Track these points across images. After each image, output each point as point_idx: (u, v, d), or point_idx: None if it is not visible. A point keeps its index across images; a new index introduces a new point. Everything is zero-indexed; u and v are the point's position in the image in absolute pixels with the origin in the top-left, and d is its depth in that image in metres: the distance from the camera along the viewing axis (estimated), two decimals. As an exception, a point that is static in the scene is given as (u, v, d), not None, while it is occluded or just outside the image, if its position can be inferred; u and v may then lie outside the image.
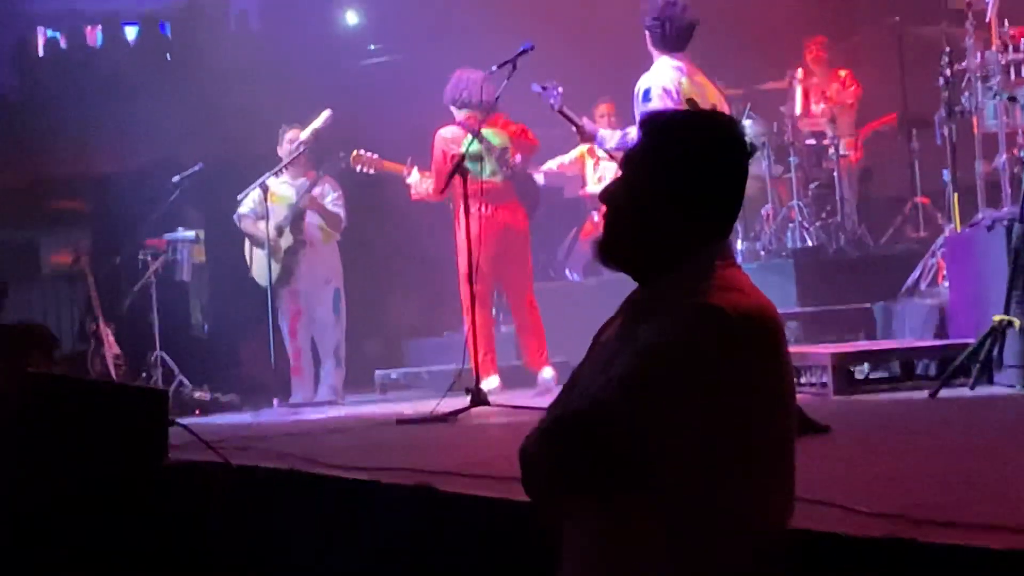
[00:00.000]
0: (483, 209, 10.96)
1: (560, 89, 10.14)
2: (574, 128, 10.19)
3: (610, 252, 3.46)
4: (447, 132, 11.30)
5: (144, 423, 6.80)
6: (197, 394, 12.73)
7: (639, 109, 9.37)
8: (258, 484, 6.62)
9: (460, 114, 11.23)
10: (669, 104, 9.35)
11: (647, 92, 9.50)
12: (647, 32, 9.74)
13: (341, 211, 12.61)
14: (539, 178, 12.44)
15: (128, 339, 13.12)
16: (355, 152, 11.68)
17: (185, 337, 14.50)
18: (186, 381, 12.82)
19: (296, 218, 12.44)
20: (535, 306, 11.50)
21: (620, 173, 3.52)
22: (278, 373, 12.55)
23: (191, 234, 13.99)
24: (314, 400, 12.52)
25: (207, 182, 13.29)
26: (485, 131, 11.14)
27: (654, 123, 3.54)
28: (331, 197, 12.54)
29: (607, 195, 3.46)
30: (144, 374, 12.77)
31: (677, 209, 3.36)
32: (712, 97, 9.88)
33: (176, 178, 13.15)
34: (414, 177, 11.16)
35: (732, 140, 3.47)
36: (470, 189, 10.32)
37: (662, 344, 3.22)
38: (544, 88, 10.24)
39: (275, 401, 12.14)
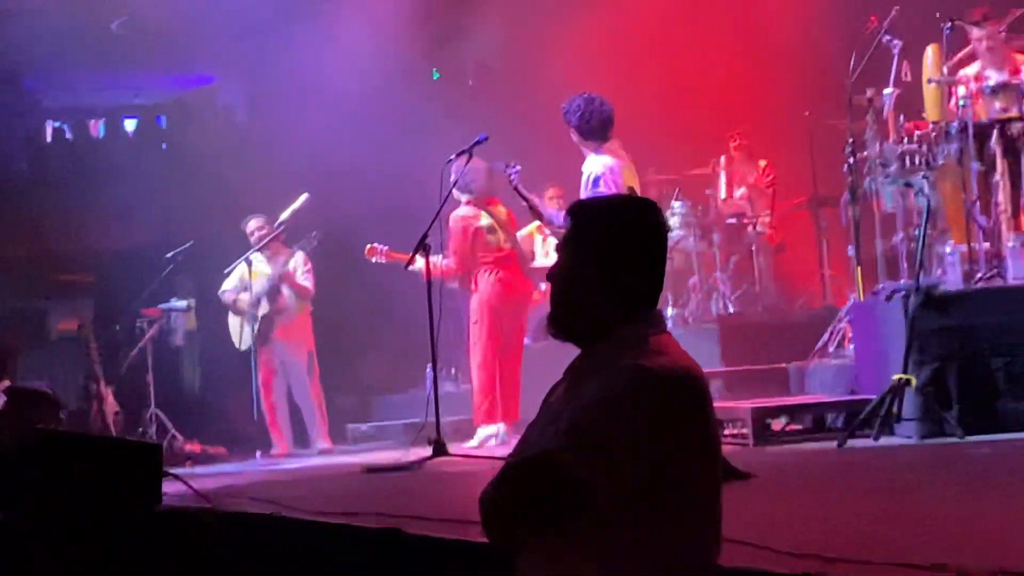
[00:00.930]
0: (499, 274, 11.11)
1: (518, 168, 10.21)
2: (527, 205, 10.25)
3: (555, 325, 3.49)
4: (462, 211, 11.41)
5: (140, 473, 6.79)
6: (188, 447, 12.75)
7: (586, 193, 9.43)
8: (243, 528, 6.58)
9: (465, 197, 11.27)
10: (613, 188, 9.43)
11: (596, 179, 9.58)
12: (575, 131, 9.80)
13: (309, 283, 12.71)
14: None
15: (126, 398, 13.09)
16: (369, 246, 11.71)
17: (178, 396, 14.47)
18: (178, 435, 12.84)
19: (272, 291, 12.56)
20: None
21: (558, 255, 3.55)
22: (260, 427, 12.58)
23: (183, 303, 14.02)
24: (304, 452, 12.57)
25: (198, 257, 13.34)
26: (491, 209, 11.29)
27: (580, 210, 3.58)
28: (301, 271, 12.67)
29: (550, 275, 3.50)
30: (140, 429, 12.74)
31: (606, 285, 3.40)
32: (634, 179, 10.00)
33: (170, 254, 13.27)
34: (418, 264, 11.14)
35: (650, 221, 3.50)
36: (492, 257, 10.80)
37: (602, 402, 3.23)
38: (505, 166, 10.32)
39: (258, 453, 12.15)
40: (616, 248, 3.42)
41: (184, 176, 15.11)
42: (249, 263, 12.47)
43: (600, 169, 9.63)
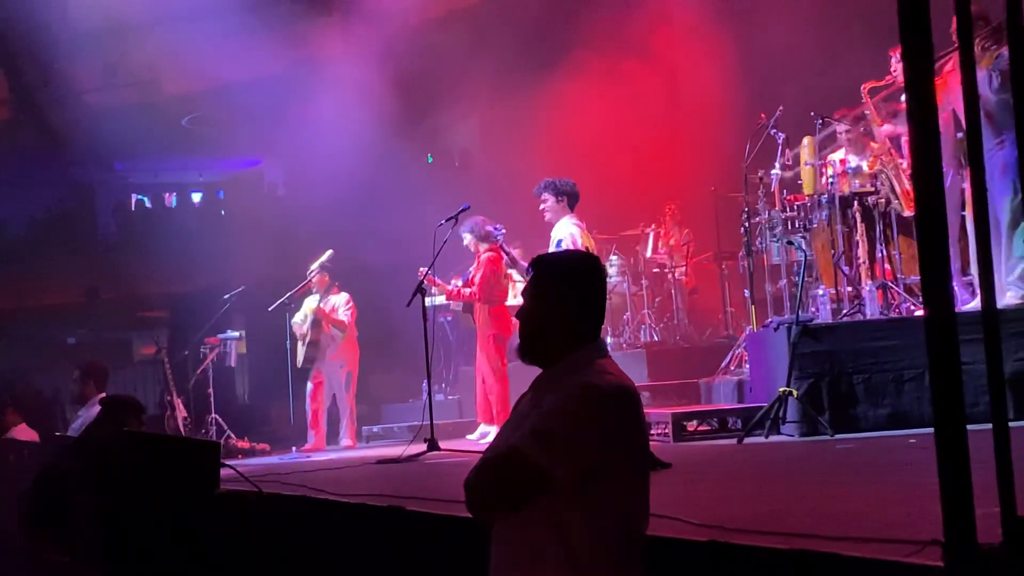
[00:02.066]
0: (508, 308, 11.19)
1: (504, 230, 10.34)
2: (508, 258, 10.39)
3: (523, 353, 3.52)
4: (491, 255, 11.27)
5: (202, 465, 6.76)
6: (239, 444, 12.69)
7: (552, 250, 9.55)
8: (280, 506, 6.56)
9: (485, 245, 11.22)
10: (583, 245, 9.60)
11: (560, 242, 9.71)
12: (561, 198, 9.94)
13: (347, 319, 12.69)
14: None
15: (193, 407, 13.09)
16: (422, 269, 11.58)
17: (231, 405, 14.44)
18: (232, 435, 12.78)
19: (314, 323, 12.57)
20: None
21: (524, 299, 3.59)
22: (296, 427, 12.57)
23: (237, 334, 14.05)
24: (331, 448, 12.54)
25: (248, 298, 13.37)
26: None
27: (541, 262, 3.60)
28: (342, 309, 12.69)
29: (519, 314, 3.53)
30: (203, 430, 12.71)
31: (561, 321, 3.43)
32: (589, 241, 10.07)
33: (226, 296, 13.30)
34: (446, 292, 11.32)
35: (595, 271, 3.54)
36: (506, 295, 11.18)
37: (560, 410, 3.25)
38: (495, 227, 10.44)
39: (293, 448, 12.12)
40: (568, 293, 3.45)
41: (237, 236, 15.16)
42: (289, 303, 12.64)
43: (567, 235, 9.82)
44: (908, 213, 9.58)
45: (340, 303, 12.70)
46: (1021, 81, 2.79)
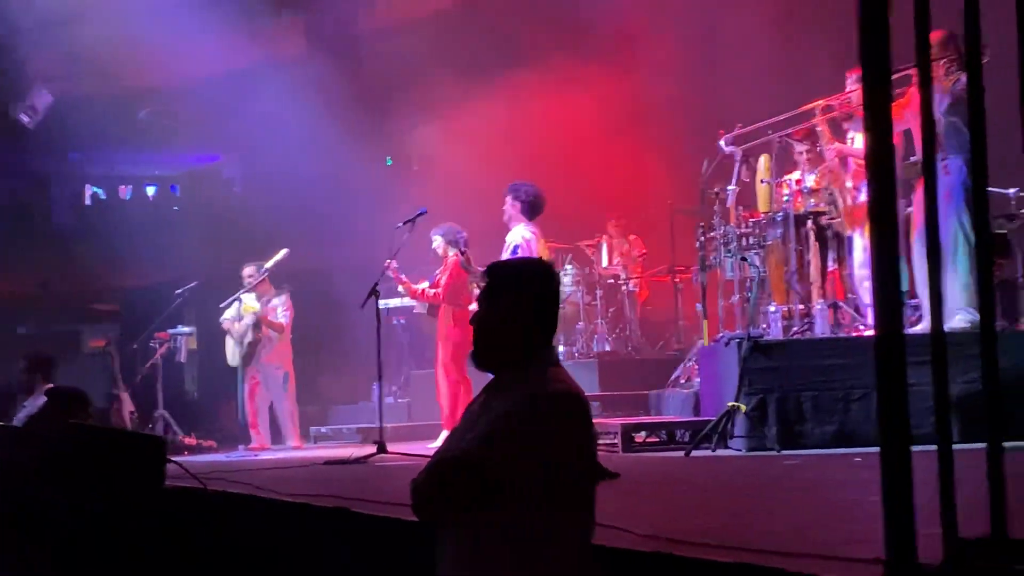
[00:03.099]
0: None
1: (464, 235, 10.48)
2: (462, 264, 10.47)
3: (476, 359, 3.51)
4: (458, 260, 11.24)
5: (148, 460, 6.71)
6: (186, 440, 12.61)
7: (506, 256, 9.61)
8: (226, 504, 6.53)
9: (453, 250, 11.22)
10: (536, 253, 9.62)
11: (516, 248, 9.75)
12: (520, 204, 9.98)
13: (285, 320, 12.62)
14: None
15: (140, 401, 13.00)
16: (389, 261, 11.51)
17: (180, 401, 14.34)
18: (179, 431, 12.70)
19: (256, 324, 12.48)
20: None
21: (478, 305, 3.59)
22: (244, 426, 12.52)
23: (188, 329, 13.94)
24: (278, 447, 12.48)
25: (200, 294, 13.30)
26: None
27: (495, 270, 3.59)
28: (280, 310, 12.61)
29: (472, 320, 3.52)
30: (150, 425, 12.61)
31: (514, 328, 3.42)
32: (543, 250, 10.12)
33: (178, 291, 13.21)
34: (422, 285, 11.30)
35: (549, 279, 3.54)
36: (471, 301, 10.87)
37: (509, 416, 3.25)
38: (459, 232, 10.57)
39: (240, 446, 12.07)
40: (521, 301, 3.45)
41: (191, 231, 15.08)
42: (240, 300, 12.50)
43: (521, 241, 9.83)
44: (849, 232, 9.68)
45: (279, 304, 12.65)
46: (976, 107, 2.83)
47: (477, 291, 11.06)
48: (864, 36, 2.69)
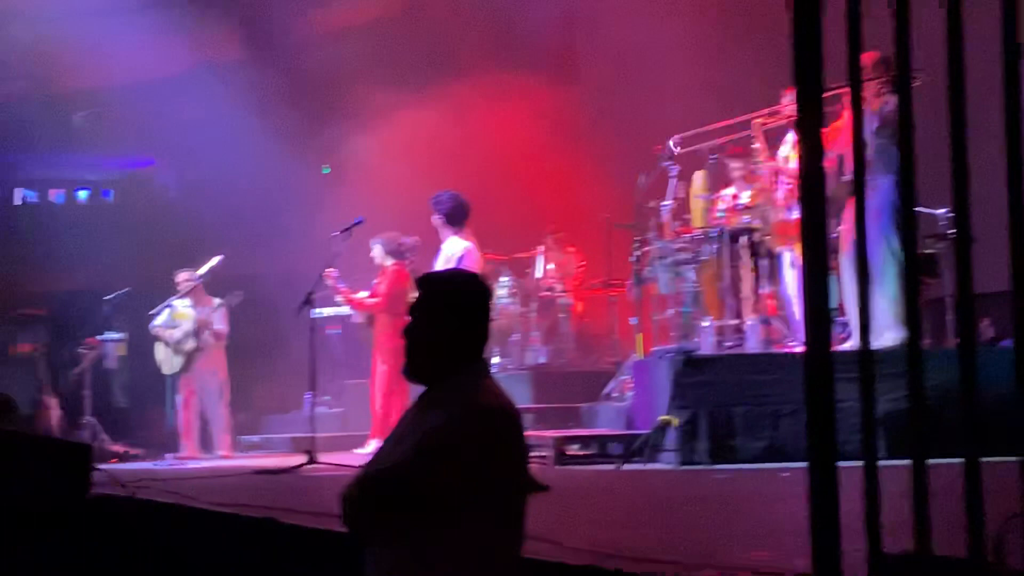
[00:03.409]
0: None
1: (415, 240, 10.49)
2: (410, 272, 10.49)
3: (408, 371, 3.49)
4: (400, 269, 11.32)
5: (75, 467, 6.64)
6: (114, 448, 12.48)
7: (446, 267, 9.65)
8: (152, 513, 6.47)
9: (391, 260, 11.19)
10: (472, 266, 9.61)
11: (460, 258, 9.76)
12: (442, 216, 9.95)
13: (224, 328, 12.53)
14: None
15: (68, 407, 12.83)
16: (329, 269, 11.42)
17: (108, 408, 14.15)
18: (107, 438, 12.56)
19: (195, 332, 12.39)
20: None
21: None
22: (172, 434, 12.42)
23: (117, 336, 13.79)
24: (207, 456, 12.34)
25: (131, 301, 13.17)
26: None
27: (427, 281, 3.57)
28: (218, 317, 12.54)
29: (405, 332, 3.50)
30: (78, 432, 12.44)
31: (446, 340, 3.41)
32: (479, 258, 10.16)
33: (109, 296, 13.07)
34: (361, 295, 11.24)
35: (480, 291, 3.53)
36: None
37: (442, 430, 3.24)
38: (406, 240, 10.56)
39: (168, 455, 11.97)
40: (453, 313, 3.44)
41: (124, 237, 14.91)
42: (172, 307, 12.43)
43: (461, 251, 9.82)
44: (780, 249, 9.77)
45: (216, 312, 12.58)
46: (906, 128, 2.87)
47: None
48: (798, 58, 2.73)
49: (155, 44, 13.74)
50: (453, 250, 9.98)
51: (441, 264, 9.96)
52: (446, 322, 3.43)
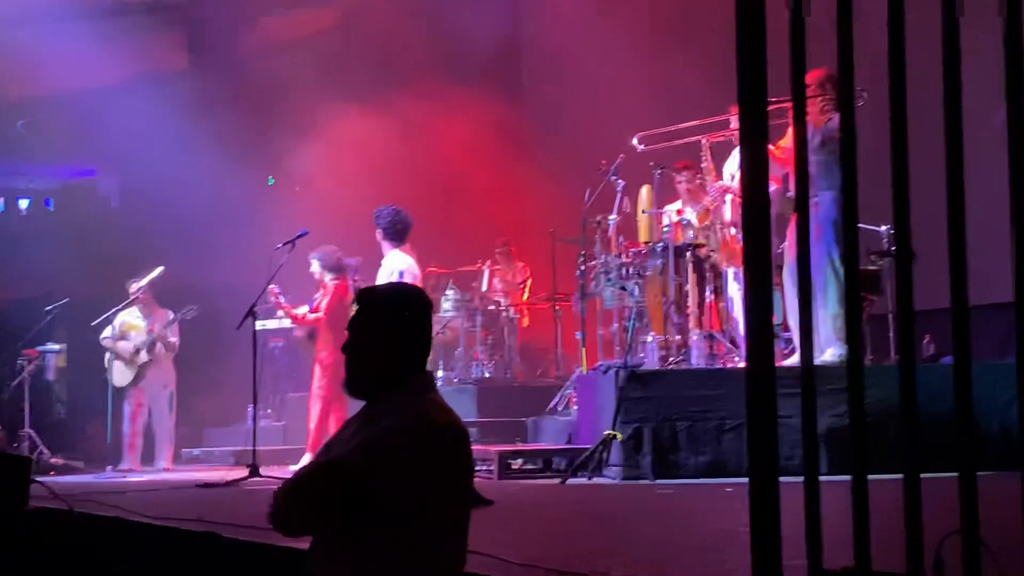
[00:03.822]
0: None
1: (358, 259, 10.40)
2: (354, 288, 10.36)
3: (349, 387, 3.47)
4: (340, 283, 11.24)
5: (12, 480, 6.56)
6: (53, 460, 12.31)
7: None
8: (92, 526, 6.39)
9: (331, 275, 11.16)
10: (413, 280, 9.58)
11: (401, 273, 9.72)
12: (381, 231, 9.92)
13: (176, 340, 12.50)
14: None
15: (5, 419, 12.67)
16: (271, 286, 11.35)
17: (47, 420, 13.98)
18: (46, 451, 12.39)
19: (150, 344, 12.31)
20: None
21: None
22: (113, 446, 12.30)
23: (57, 347, 13.67)
24: (148, 469, 12.22)
25: (71, 311, 13.06)
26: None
27: (364, 296, 3.55)
28: (170, 330, 12.51)
29: (344, 348, 3.48)
30: (15, 444, 12.28)
31: (386, 355, 3.39)
32: (418, 273, 10.16)
33: (49, 307, 12.94)
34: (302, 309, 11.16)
35: (420, 304, 3.51)
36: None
37: (391, 432, 3.22)
38: (352, 260, 10.48)
39: (109, 467, 11.84)
40: (392, 327, 3.42)
41: (64, 247, 14.75)
42: (113, 319, 12.32)
43: (404, 265, 9.80)
44: (726, 267, 9.83)
45: (169, 323, 12.49)
46: (849, 145, 2.90)
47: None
48: (742, 75, 2.74)
49: (98, 52, 13.62)
50: (394, 265, 9.96)
51: (382, 279, 9.93)
52: (385, 337, 3.41)
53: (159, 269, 12.33)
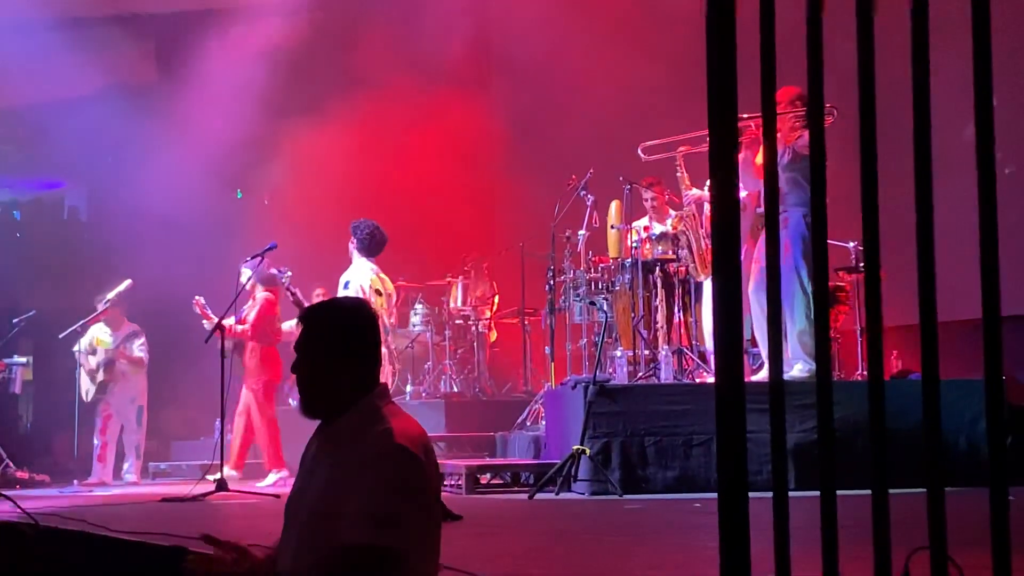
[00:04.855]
0: (276, 352, 11.07)
1: (289, 273, 10.25)
2: (294, 301, 10.26)
3: (305, 409, 3.42)
4: (267, 296, 11.38)
5: (-24, 494, 6.50)
6: (18, 474, 12.20)
7: (341, 292, 9.61)
8: (56, 541, 6.31)
9: (262, 288, 11.21)
10: (359, 293, 9.56)
11: (347, 283, 9.71)
12: (357, 242, 9.91)
13: (144, 355, 12.43)
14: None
15: (-30, 433, 12.59)
16: (197, 298, 11.33)
17: (12, 432, 13.87)
18: (11, 464, 12.29)
19: (109, 361, 12.27)
20: None
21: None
22: (79, 460, 12.22)
23: (23, 359, 13.54)
24: (116, 483, 12.17)
25: (38, 324, 12.94)
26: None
27: (310, 314, 3.50)
28: (138, 343, 12.41)
29: (294, 369, 3.44)
30: (-20, 458, 12.20)
31: (338, 372, 3.35)
32: (390, 287, 10.11)
33: (15, 319, 12.83)
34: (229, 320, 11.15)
35: (363, 317, 3.48)
36: (277, 338, 11.02)
37: (372, 477, 3.16)
38: (279, 270, 10.34)
39: (75, 481, 11.76)
40: (339, 343, 3.38)
41: (32, 259, 14.67)
42: (84, 330, 12.27)
43: (365, 279, 9.85)
44: (702, 278, 9.84)
45: (134, 339, 12.43)
46: (818, 163, 2.90)
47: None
48: (711, 90, 2.75)
49: (66, 63, 13.57)
50: (354, 277, 10.00)
51: (342, 286, 9.95)
52: (332, 354, 3.37)
53: (127, 282, 12.26)
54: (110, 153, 14.22)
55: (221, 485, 9.35)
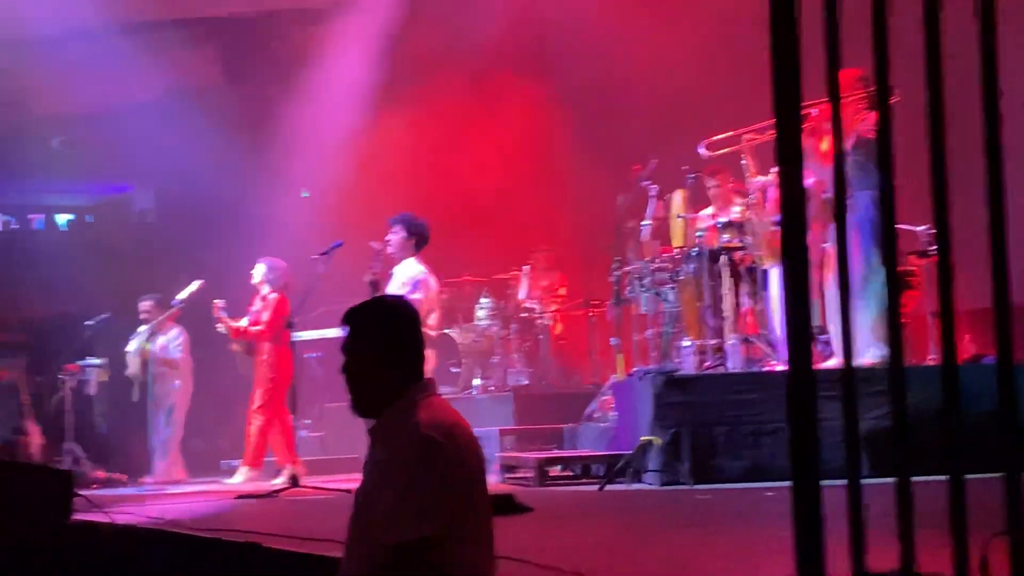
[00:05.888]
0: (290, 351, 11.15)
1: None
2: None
3: (356, 409, 3.47)
4: (281, 297, 11.44)
5: (56, 493, 6.62)
6: (95, 474, 12.39)
7: (404, 291, 9.70)
8: (133, 538, 6.42)
9: (268, 288, 11.36)
10: (424, 290, 9.64)
11: (418, 283, 9.76)
12: (411, 236, 10.02)
13: (178, 355, 12.58)
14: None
15: (49, 434, 12.77)
16: (216, 302, 11.49)
17: (89, 433, 14.04)
18: (89, 464, 12.48)
19: (143, 364, 12.35)
20: None
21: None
22: (153, 459, 12.36)
23: (98, 361, 13.70)
24: (184, 480, 12.33)
25: (112, 326, 13.13)
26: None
27: (351, 315, 3.53)
28: (172, 346, 12.59)
29: (342, 371, 3.48)
30: (58, 458, 12.36)
31: (381, 371, 3.39)
32: (435, 283, 10.26)
33: (89, 322, 13.02)
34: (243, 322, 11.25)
35: (404, 313, 3.51)
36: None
37: (403, 472, 3.23)
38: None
39: (149, 479, 11.90)
40: (381, 341, 3.42)
41: (104, 262, 14.87)
42: (153, 333, 12.40)
43: (418, 275, 9.87)
44: (768, 265, 9.75)
45: (170, 340, 12.54)
46: (885, 146, 2.86)
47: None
48: (776, 74, 2.72)
49: (133, 68, 13.73)
50: (409, 274, 10.02)
51: (395, 287, 9.97)
52: (380, 354, 3.41)
53: (197, 283, 12.35)
54: (177, 155, 14.35)
55: (294, 480, 9.41)
